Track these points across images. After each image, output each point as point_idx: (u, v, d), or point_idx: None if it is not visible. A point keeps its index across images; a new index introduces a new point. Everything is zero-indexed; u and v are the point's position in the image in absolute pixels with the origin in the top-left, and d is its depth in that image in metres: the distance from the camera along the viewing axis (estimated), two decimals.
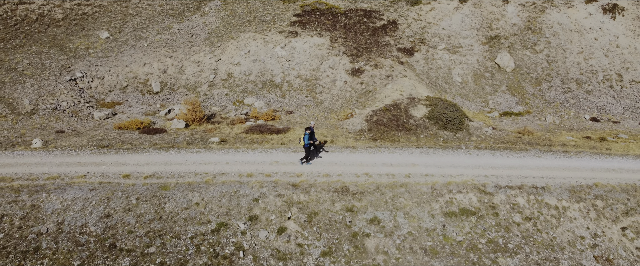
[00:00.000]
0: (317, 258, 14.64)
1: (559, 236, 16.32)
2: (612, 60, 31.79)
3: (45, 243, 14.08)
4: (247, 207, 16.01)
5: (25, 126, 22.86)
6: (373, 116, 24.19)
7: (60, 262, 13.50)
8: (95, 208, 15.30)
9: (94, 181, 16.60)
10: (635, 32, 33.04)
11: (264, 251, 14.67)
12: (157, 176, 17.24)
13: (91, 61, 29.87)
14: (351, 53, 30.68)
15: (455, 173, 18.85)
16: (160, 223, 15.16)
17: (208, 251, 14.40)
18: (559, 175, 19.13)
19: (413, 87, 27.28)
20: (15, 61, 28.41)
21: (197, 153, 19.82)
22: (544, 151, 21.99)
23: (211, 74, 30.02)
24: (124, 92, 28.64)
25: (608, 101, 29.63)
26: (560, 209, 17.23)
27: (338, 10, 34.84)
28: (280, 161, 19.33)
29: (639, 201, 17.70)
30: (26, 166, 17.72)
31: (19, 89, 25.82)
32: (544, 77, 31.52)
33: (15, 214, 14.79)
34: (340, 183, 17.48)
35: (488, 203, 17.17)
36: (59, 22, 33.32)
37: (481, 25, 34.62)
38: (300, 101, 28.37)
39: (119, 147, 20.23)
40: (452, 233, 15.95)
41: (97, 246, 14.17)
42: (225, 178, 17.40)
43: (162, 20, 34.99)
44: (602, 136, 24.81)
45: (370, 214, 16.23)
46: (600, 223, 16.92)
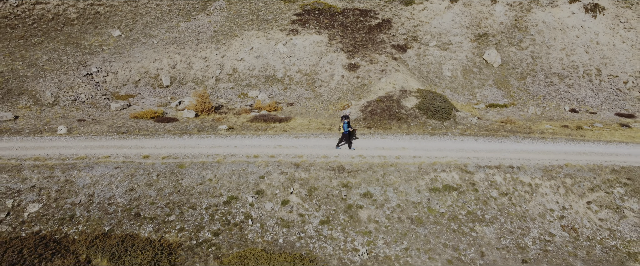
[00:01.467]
0: (316, 225, 16.60)
1: (531, 209, 18.30)
2: (592, 56, 33.80)
3: (79, 211, 16.03)
4: (254, 183, 17.97)
5: (48, 116, 24.81)
6: (368, 107, 26.15)
7: (92, 228, 15.44)
8: (121, 183, 17.27)
9: (118, 161, 18.56)
10: (614, 30, 35.04)
11: (269, 220, 16.64)
12: (174, 157, 19.20)
13: (105, 57, 31.81)
14: (348, 50, 32.65)
15: (440, 155, 20.83)
16: (178, 196, 17.12)
17: (221, 220, 16.36)
18: (534, 157, 21.12)
19: (405, 81, 29.24)
20: (35, 56, 30.34)
21: (208, 138, 21.79)
22: (523, 137, 23.99)
23: (217, 69, 31.98)
24: (137, 86, 30.58)
25: (587, 94, 31.63)
26: (533, 186, 19.20)
27: (336, 10, 36.81)
28: (283, 145, 21.29)
29: (603, 179, 19.68)
30: (56, 148, 19.68)
31: (40, 82, 27.75)
32: (528, 72, 33.51)
33: (51, 188, 16.75)
34: (337, 163, 19.45)
35: (469, 180, 19.15)
36: (74, 21, 35.25)
37: (470, 23, 36.59)
38: (300, 93, 30.32)
39: (136, 133, 22.19)
40: (436, 205, 17.93)
41: (123, 215, 16.13)
42: (234, 158, 19.36)
43: (170, 19, 36.92)
44: (579, 125, 26.81)
45: (363, 189, 18.20)
46: (568, 198, 18.90)
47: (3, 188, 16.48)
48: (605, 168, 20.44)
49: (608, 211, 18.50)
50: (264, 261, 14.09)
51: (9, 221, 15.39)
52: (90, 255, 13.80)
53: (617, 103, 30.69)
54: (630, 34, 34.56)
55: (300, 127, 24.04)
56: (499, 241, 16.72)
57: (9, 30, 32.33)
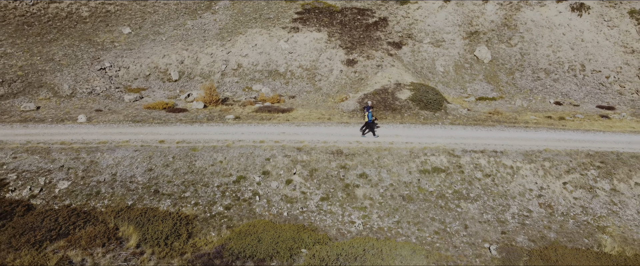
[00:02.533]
0: (317, 202, 18.35)
1: (511, 189, 20.05)
2: (577, 52, 35.57)
3: (104, 188, 17.76)
4: (260, 164, 19.71)
5: (67, 106, 26.52)
6: (364, 99, 27.88)
7: (117, 202, 17.17)
8: (140, 164, 18.99)
9: (137, 145, 20.29)
10: (599, 28, 36.81)
11: (275, 196, 18.38)
12: (187, 142, 20.93)
13: (117, 52, 33.51)
14: (346, 46, 34.38)
15: (430, 141, 22.58)
16: (192, 175, 18.86)
17: (231, 196, 18.10)
18: (517, 143, 22.88)
19: (400, 75, 30.99)
20: (51, 52, 32.03)
21: (217, 126, 23.52)
22: (508, 126, 25.75)
23: (223, 64, 33.70)
24: (147, 80, 32.28)
25: (571, 88, 33.39)
26: (515, 168, 20.96)
27: (335, 9, 38.54)
28: (286, 132, 23.02)
29: (579, 163, 21.44)
30: (78, 134, 21.39)
31: (58, 76, 29.45)
32: (517, 67, 35.27)
33: (78, 168, 18.47)
34: (336, 148, 21.19)
35: (456, 163, 20.90)
36: (86, 19, 36.93)
37: (463, 22, 38.34)
38: (301, 87, 32.05)
39: (151, 122, 23.91)
40: (425, 185, 19.68)
41: (144, 191, 17.86)
42: (242, 143, 21.10)
43: (177, 17, 38.61)
44: (562, 115, 28.59)
45: (360, 170, 19.94)
46: (546, 179, 20.66)
47: (35, 168, 18.21)
48: (581, 152, 22.20)
49: (582, 190, 20.26)
50: (270, 230, 15.83)
51: (42, 196, 17.11)
52: (118, 224, 15.53)
53: (599, 96, 32.45)
54: (613, 32, 36.33)
55: (301, 117, 25.79)
56: (481, 215, 18.47)
57: (26, 27, 34.02)
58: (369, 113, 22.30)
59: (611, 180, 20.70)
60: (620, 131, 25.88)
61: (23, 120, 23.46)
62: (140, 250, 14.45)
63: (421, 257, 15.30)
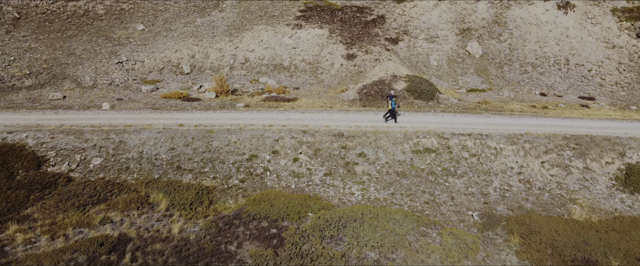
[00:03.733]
0: (321, 177, 20.53)
1: (494, 167, 22.24)
2: (562, 48, 37.74)
3: (132, 164, 19.94)
4: (270, 145, 21.89)
5: (91, 96, 28.67)
6: (363, 89, 30.07)
7: (144, 176, 19.34)
8: (164, 144, 21.16)
9: (159, 127, 22.45)
10: (583, 24, 38.98)
11: (283, 172, 20.56)
12: (203, 125, 23.10)
13: (132, 48, 35.65)
14: (346, 42, 36.54)
15: (423, 126, 24.75)
16: (209, 153, 21.03)
17: (245, 171, 20.28)
18: (501, 128, 25.06)
19: (396, 69, 33.16)
20: (72, 47, 34.16)
21: (229, 112, 25.69)
22: (495, 114, 27.94)
23: (231, 58, 35.85)
24: (161, 73, 34.44)
25: (556, 80, 35.58)
26: (498, 149, 23.14)
27: (335, 7, 40.68)
28: (292, 118, 25.20)
29: (556, 144, 23.62)
30: (105, 119, 23.56)
31: (80, 69, 31.59)
32: (506, 61, 37.44)
33: (108, 147, 20.64)
34: (337, 131, 23.37)
35: (445, 144, 23.09)
36: (102, 16, 39.05)
37: (455, 19, 40.50)
38: (304, 79, 34.21)
39: (168, 109, 26.08)
40: (417, 163, 21.87)
41: (168, 167, 20.03)
42: (253, 126, 23.27)
43: (187, 15, 40.74)
44: (545, 105, 30.77)
45: (359, 150, 22.13)
46: (526, 158, 22.84)
47: (71, 146, 20.37)
48: (559, 135, 24.39)
49: (558, 168, 22.45)
50: (281, 198, 18.01)
51: (79, 170, 19.28)
52: (148, 192, 17.70)
53: (581, 88, 34.63)
54: (596, 29, 38.51)
55: (305, 106, 27.96)
56: (466, 189, 20.67)
57: (47, 24, 36.15)
58: (392, 101, 24.46)
59: (584, 160, 22.88)
60: (597, 118, 28.08)
61: (53, 107, 25.62)
62: (170, 212, 16.63)
63: (412, 221, 17.48)
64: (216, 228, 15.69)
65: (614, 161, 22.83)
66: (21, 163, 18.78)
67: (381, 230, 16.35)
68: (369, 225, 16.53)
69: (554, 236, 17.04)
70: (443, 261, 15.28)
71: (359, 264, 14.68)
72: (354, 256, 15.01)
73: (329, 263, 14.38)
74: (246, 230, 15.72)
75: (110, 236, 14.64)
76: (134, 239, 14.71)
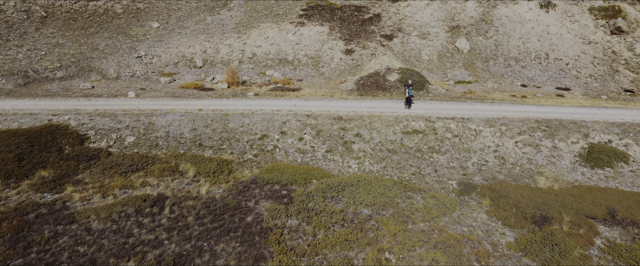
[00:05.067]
0: (323, 153, 23.57)
1: (474, 146, 25.28)
2: (543, 43, 40.75)
3: (161, 141, 22.97)
4: (278, 126, 24.92)
5: (116, 86, 31.68)
6: (360, 81, 33.09)
7: (172, 151, 22.38)
8: (186, 125, 24.19)
9: (181, 112, 25.48)
10: (562, 22, 41.98)
11: (290, 149, 23.60)
12: (220, 110, 26.12)
13: (149, 43, 38.63)
14: (345, 38, 39.54)
15: (412, 111, 27.78)
16: (226, 133, 24.07)
17: (257, 148, 23.32)
18: (481, 113, 28.08)
19: (390, 62, 36.17)
20: (95, 43, 37.14)
21: (241, 100, 28.70)
22: (477, 102, 30.96)
23: (240, 53, 38.84)
24: (176, 66, 37.42)
25: (536, 73, 38.60)
26: (478, 131, 26.18)
27: (335, 6, 43.64)
28: (297, 105, 28.21)
29: (529, 127, 26.65)
30: (133, 105, 26.58)
31: (104, 62, 34.58)
32: (491, 56, 40.45)
33: (139, 127, 23.67)
34: (337, 115, 26.41)
35: (431, 126, 26.13)
36: (120, 15, 42.03)
37: (446, 17, 43.48)
38: (307, 72, 37.22)
39: (187, 97, 29.09)
40: (407, 142, 24.91)
41: (191, 144, 23.07)
42: (263, 111, 26.29)
43: (198, 13, 43.71)
44: (524, 94, 33.79)
45: (356, 131, 25.16)
46: (502, 139, 25.87)
47: (108, 127, 23.41)
48: (532, 119, 27.44)
49: (529, 147, 25.49)
50: (289, 169, 21.05)
51: (116, 146, 22.32)
52: (177, 163, 20.75)
53: (558, 80, 37.66)
54: (574, 26, 41.52)
55: (309, 95, 30.98)
56: (448, 163, 23.72)
57: (71, 22, 39.13)
58: (409, 90, 27.48)
59: (553, 140, 25.93)
60: (569, 105, 31.11)
61: (85, 95, 28.64)
62: (197, 179, 19.68)
63: (400, 187, 20.52)
64: (236, 190, 18.75)
65: (578, 141, 25.88)
66: (67, 140, 21.81)
67: (374, 193, 19.40)
68: (364, 189, 19.58)
69: (519, 199, 20.10)
70: (425, 217, 18.33)
71: (355, 217, 17.73)
72: (350, 212, 18.06)
73: (329, 216, 17.44)
74: (261, 191, 18.78)
75: (150, 194, 17.69)
76: (170, 197, 17.77)
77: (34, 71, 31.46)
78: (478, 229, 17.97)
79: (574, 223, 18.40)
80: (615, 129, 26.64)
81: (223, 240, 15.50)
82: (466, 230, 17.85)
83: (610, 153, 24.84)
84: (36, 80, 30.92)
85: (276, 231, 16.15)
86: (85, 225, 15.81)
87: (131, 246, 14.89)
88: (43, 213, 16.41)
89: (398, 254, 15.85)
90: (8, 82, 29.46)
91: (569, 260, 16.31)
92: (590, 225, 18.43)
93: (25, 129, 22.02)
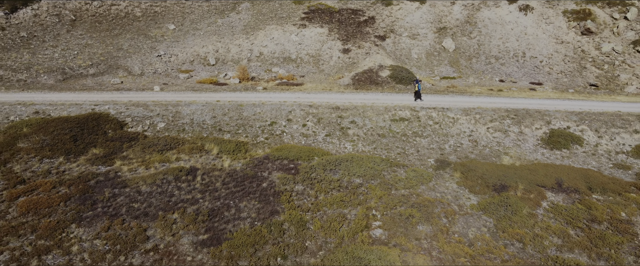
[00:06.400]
0: (323, 136, 27.56)
1: (451, 131, 29.27)
2: (521, 43, 44.70)
3: (187, 127, 26.96)
4: (285, 115, 28.90)
5: (142, 81, 35.64)
6: (355, 76, 37.05)
7: (196, 134, 26.37)
8: (207, 113, 28.18)
9: (202, 102, 29.46)
10: (539, 24, 45.91)
11: (296, 133, 27.60)
12: (234, 101, 30.11)
13: (167, 44, 42.57)
14: (342, 39, 43.47)
15: (400, 102, 31.77)
16: (241, 120, 28.06)
17: (268, 132, 27.32)
18: (460, 104, 32.06)
19: (383, 60, 40.13)
20: (120, 43, 41.08)
21: (252, 93, 32.68)
22: (458, 94, 34.94)
23: (248, 52, 42.78)
24: (192, 64, 41.38)
25: (513, 70, 42.56)
26: (455, 118, 30.16)
27: (334, 10, 47.56)
28: (300, 97, 32.18)
29: (499, 115, 30.62)
30: (160, 97, 30.55)
31: (129, 60, 38.54)
32: (474, 55, 44.40)
33: (168, 115, 27.65)
34: (335, 105, 30.39)
35: (415, 115, 30.12)
36: (139, 18, 45.96)
37: (434, 19, 47.42)
38: (309, 69, 41.18)
39: (205, 90, 33.07)
40: (394, 128, 28.91)
41: (212, 129, 27.07)
42: (271, 102, 30.27)
43: (210, 16, 47.64)
44: (500, 88, 37.77)
45: (351, 119, 29.15)
46: (476, 125, 29.86)
47: (141, 114, 27.40)
48: (502, 109, 31.43)
49: (499, 132, 29.48)
50: (295, 148, 25.04)
51: (150, 130, 26.32)
52: (203, 144, 24.75)
53: (533, 76, 41.62)
54: (549, 27, 45.47)
55: (310, 89, 34.95)
56: (429, 145, 27.72)
57: (97, 24, 43.06)
58: (418, 85, 31.46)
59: (520, 126, 29.92)
60: (538, 97, 35.10)
61: (117, 89, 32.62)
62: (220, 156, 23.69)
63: (387, 163, 24.52)
64: (253, 164, 22.77)
65: (541, 127, 29.88)
66: (109, 125, 25.82)
67: (364, 167, 23.41)
68: (356, 164, 23.59)
69: (485, 173, 24.11)
70: (405, 185, 22.34)
71: (348, 185, 21.75)
72: (345, 181, 22.08)
73: (328, 183, 21.46)
74: (273, 165, 22.80)
75: (184, 167, 21.70)
76: (200, 169, 21.79)
77: (70, 68, 35.44)
78: (448, 194, 21.99)
79: (527, 190, 22.43)
80: (573, 117, 30.65)
81: (245, 199, 19.54)
82: (439, 195, 21.87)
83: (567, 136, 28.85)
84: (72, 76, 34.89)
85: (286, 194, 20.19)
86: (136, 188, 19.84)
87: (174, 203, 18.93)
88: (101, 180, 20.44)
89: (382, 211, 19.88)
90: (50, 78, 33.44)
91: (518, 216, 20.35)
92: (539, 191, 22.46)
93: (74, 117, 26.02)
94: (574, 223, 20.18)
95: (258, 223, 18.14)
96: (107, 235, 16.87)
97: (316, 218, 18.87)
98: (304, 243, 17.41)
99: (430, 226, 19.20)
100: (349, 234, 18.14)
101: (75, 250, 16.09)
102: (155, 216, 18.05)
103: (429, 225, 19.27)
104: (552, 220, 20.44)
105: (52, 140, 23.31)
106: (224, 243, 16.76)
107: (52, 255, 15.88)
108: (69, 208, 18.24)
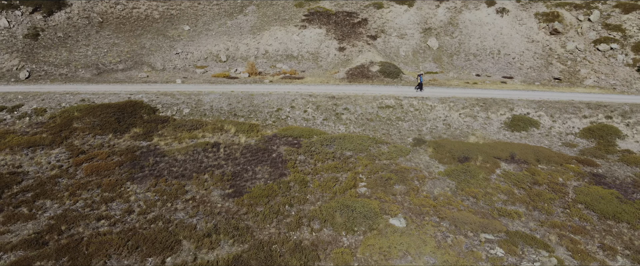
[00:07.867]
0: (321, 120, 32.48)
1: (429, 116, 34.18)
2: (496, 42, 49.57)
3: (208, 112, 31.86)
4: (289, 102, 33.79)
5: (165, 75, 40.50)
6: (349, 71, 41.93)
7: (215, 118, 31.26)
8: (224, 101, 33.08)
9: (219, 92, 34.34)
10: (513, 25, 50.77)
11: (298, 117, 32.51)
12: (246, 91, 35.00)
13: (184, 43, 47.40)
14: (338, 38, 48.32)
15: (387, 92, 36.67)
16: (252, 107, 32.96)
17: (275, 117, 32.22)
18: (438, 94, 36.95)
19: (373, 57, 45.00)
20: (142, 43, 45.89)
21: (260, 85, 37.58)
22: (437, 86, 39.85)
23: (255, 50, 47.63)
24: (206, 61, 46.22)
25: (489, 65, 47.45)
26: (433, 106, 35.07)
27: (331, 12, 52.37)
28: (301, 88, 37.08)
29: (470, 103, 35.53)
30: (183, 88, 35.42)
31: (151, 58, 43.37)
32: (455, 52, 49.27)
33: (191, 102, 32.56)
34: (331, 95, 35.31)
35: (399, 103, 35.02)
36: (158, 20, 50.75)
37: (420, 21, 52.27)
38: (308, 65, 46.04)
39: (220, 83, 37.96)
40: (381, 114, 33.83)
41: (229, 114, 31.97)
42: (277, 92, 35.17)
43: (220, 18, 52.44)
44: (475, 81, 42.68)
45: (344, 106, 34.06)
46: (450, 112, 34.76)
47: (169, 102, 32.30)
48: (473, 98, 36.34)
49: (469, 118, 34.40)
50: (298, 129, 29.95)
51: (177, 115, 31.21)
52: (222, 125, 29.66)
53: (506, 71, 46.51)
54: (522, 28, 50.33)
55: (310, 81, 39.85)
56: (409, 128, 32.65)
57: (121, 26, 47.85)
58: (421, 78, 36.34)
59: (487, 112, 34.85)
60: (507, 89, 40.00)
61: (145, 82, 37.49)
62: (237, 134, 28.60)
63: (373, 141, 29.43)
64: (264, 140, 27.70)
65: (505, 113, 34.81)
66: (144, 110, 30.70)
67: (354, 143, 28.34)
68: (348, 141, 28.51)
69: (453, 148, 29.05)
70: (387, 157, 27.27)
71: (341, 156, 26.68)
72: (338, 153, 27.00)
73: (325, 155, 26.39)
74: (280, 141, 27.72)
75: (209, 142, 26.61)
76: (222, 143, 26.70)
77: (103, 64, 40.29)
78: (421, 164, 26.94)
79: (485, 161, 27.39)
80: (533, 105, 35.59)
81: (259, 165, 24.48)
82: (414, 164, 26.82)
83: (526, 121, 33.78)
84: (105, 71, 39.74)
85: (291, 162, 25.14)
86: (173, 157, 24.77)
87: (204, 167, 23.86)
88: (144, 151, 25.36)
89: (367, 175, 24.83)
90: (86, 72, 38.29)
91: (475, 180, 25.29)
92: (495, 162, 27.42)
93: (115, 103, 30.92)
94: (519, 185, 25.14)
95: (270, 181, 23.09)
96: (155, 189, 21.80)
97: (315, 179, 23.82)
98: (305, 196, 22.35)
99: (404, 186, 24.15)
100: (340, 190, 23.08)
101: (133, 199, 21.01)
102: (190, 177, 22.98)
103: (403, 185, 24.21)
104: (502, 183, 25.39)
105: (100, 121, 28.21)
106: (245, 194, 21.70)
107: (116, 202, 20.80)
108: (123, 171, 23.17)
